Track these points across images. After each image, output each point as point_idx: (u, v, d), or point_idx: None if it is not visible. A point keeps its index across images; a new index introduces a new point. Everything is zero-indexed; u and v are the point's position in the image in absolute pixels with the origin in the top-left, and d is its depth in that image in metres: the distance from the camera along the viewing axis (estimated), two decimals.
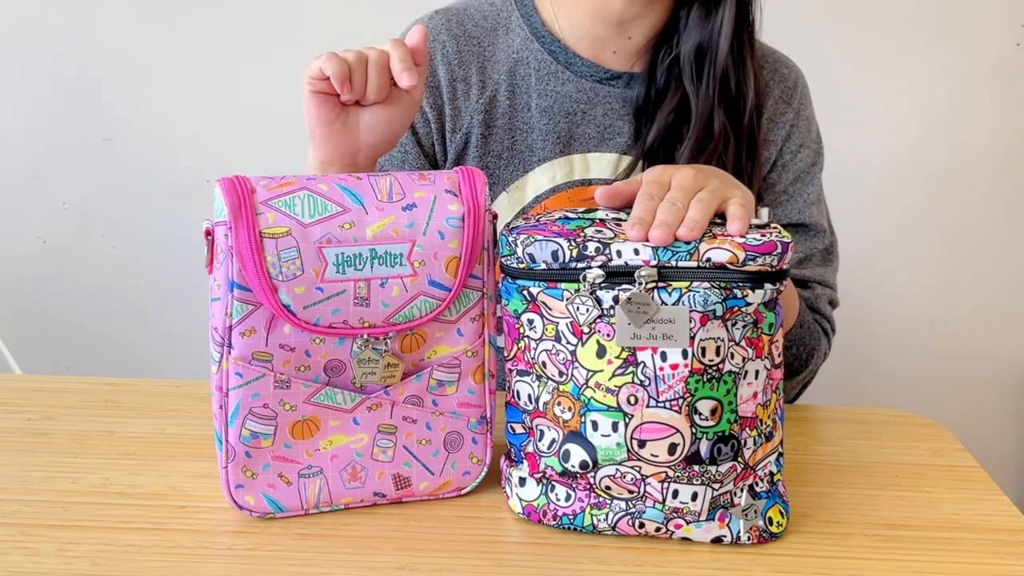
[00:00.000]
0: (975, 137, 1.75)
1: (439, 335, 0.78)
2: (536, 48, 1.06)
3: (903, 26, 1.70)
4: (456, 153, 1.06)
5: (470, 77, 1.05)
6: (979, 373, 1.86)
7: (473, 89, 1.05)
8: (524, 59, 1.06)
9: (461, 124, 1.05)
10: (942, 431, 0.98)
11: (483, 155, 1.05)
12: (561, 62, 1.05)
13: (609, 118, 1.06)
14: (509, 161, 1.05)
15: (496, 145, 1.05)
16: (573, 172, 1.05)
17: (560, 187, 1.05)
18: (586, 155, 1.05)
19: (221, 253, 0.72)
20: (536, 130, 1.04)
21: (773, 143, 1.09)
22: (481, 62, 1.06)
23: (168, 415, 0.96)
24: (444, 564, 0.72)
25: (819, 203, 1.13)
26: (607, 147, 1.06)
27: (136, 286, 1.82)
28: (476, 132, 1.05)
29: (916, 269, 1.81)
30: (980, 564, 0.74)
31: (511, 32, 1.07)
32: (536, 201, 1.05)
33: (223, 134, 1.73)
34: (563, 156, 1.05)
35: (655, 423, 0.71)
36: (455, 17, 1.08)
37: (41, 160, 1.75)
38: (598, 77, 1.06)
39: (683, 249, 0.70)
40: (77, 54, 1.71)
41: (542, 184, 1.05)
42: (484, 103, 1.05)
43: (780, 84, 1.10)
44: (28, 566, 0.70)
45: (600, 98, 1.06)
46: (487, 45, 1.06)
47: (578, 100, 1.05)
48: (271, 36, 1.70)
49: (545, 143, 1.05)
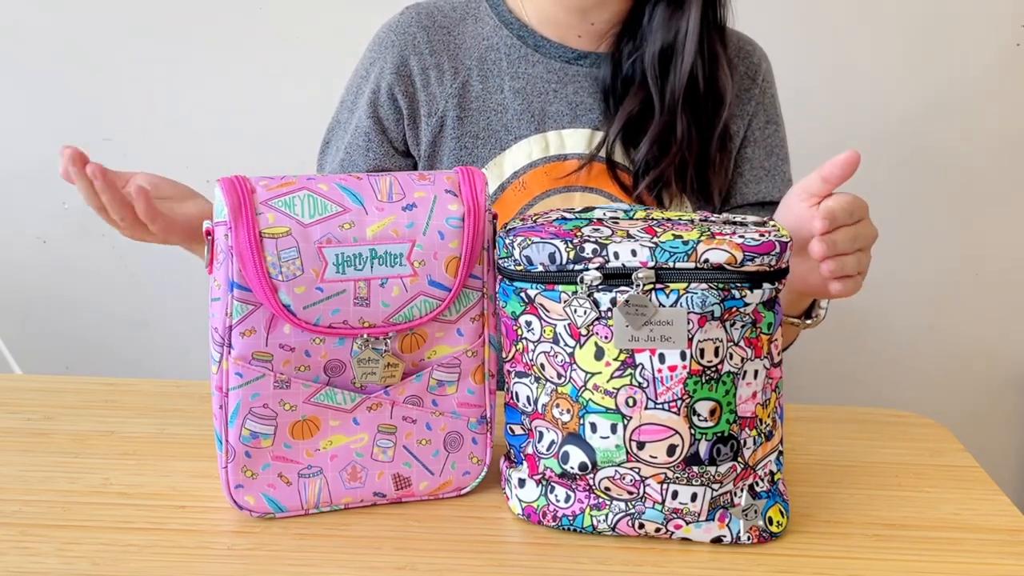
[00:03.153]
0: (975, 137, 1.75)
1: (439, 335, 0.78)
2: (505, 34, 1.11)
3: (903, 26, 1.70)
4: (432, 135, 1.11)
5: (442, 64, 1.11)
6: (979, 373, 1.86)
7: (446, 75, 1.10)
8: (494, 45, 1.11)
9: (436, 108, 1.10)
10: (942, 431, 0.98)
11: (460, 136, 1.10)
12: (530, 45, 1.11)
13: (580, 95, 1.11)
14: (486, 140, 1.10)
15: (472, 126, 1.10)
16: (548, 148, 1.10)
17: (537, 162, 1.10)
18: (560, 131, 1.10)
19: (221, 253, 0.72)
20: (510, 110, 1.10)
21: (740, 117, 1.14)
22: (452, 50, 1.11)
23: (168, 415, 0.96)
24: (444, 564, 0.72)
25: (791, 183, 1.17)
26: (580, 123, 1.11)
27: (136, 286, 1.82)
28: (451, 115, 1.10)
29: (916, 269, 1.81)
30: (980, 564, 0.74)
31: (480, 21, 1.13)
32: (514, 176, 1.09)
33: (223, 134, 1.73)
34: (538, 133, 1.10)
35: (654, 425, 0.71)
36: (425, 10, 1.14)
37: (41, 160, 1.75)
38: (566, 58, 1.11)
39: (681, 250, 0.70)
40: (77, 54, 1.71)
41: (519, 160, 1.10)
42: (457, 87, 1.10)
43: (744, 61, 1.15)
44: (28, 566, 0.70)
45: (569, 77, 1.11)
46: (457, 34, 1.12)
47: (548, 80, 1.11)
48: (271, 36, 1.70)
49: (520, 122, 1.10)
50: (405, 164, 1.13)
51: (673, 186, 1.08)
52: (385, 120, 1.11)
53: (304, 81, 1.68)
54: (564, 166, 1.09)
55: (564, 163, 1.10)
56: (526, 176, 1.09)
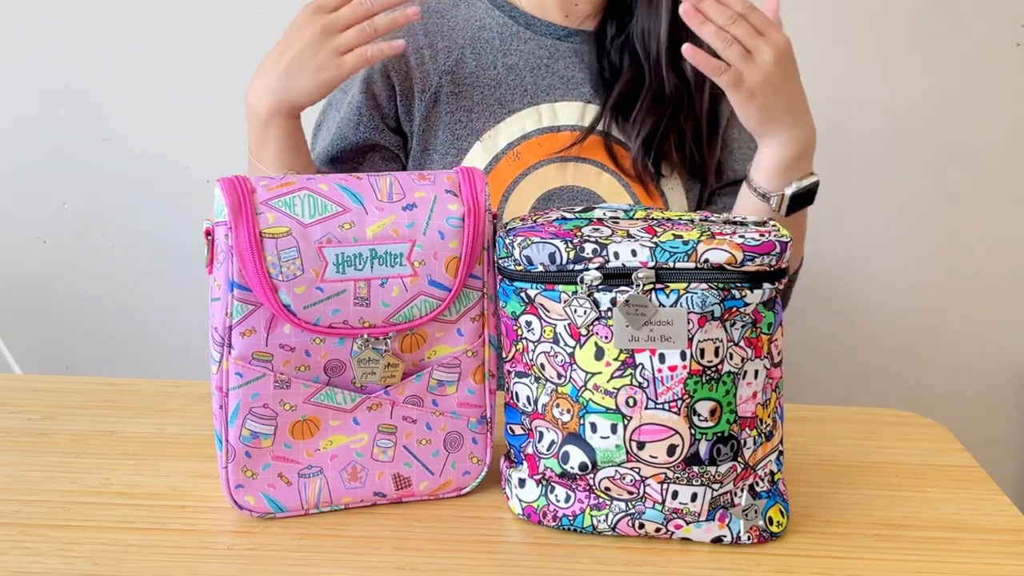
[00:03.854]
0: (975, 137, 1.75)
1: (439, 335, 0.78)
2: (497, 15, 1.17)
3: (903, 25, 1.70)
4: (427, 110, 1.14)
5: (436, 44, 1.15)
6: (979, 373, 1.86)
7: (440, 54, 1.15)
8: (487, 25, 1.16)
9: (430, 84, 1.14)
10: (942, 431, 0.98)
11: (455, 110, 1.13)
12: (521, 24, 1.16)
13: (570, 71, 1.16)
14: (480, 114, 1.13)
15: (466, 100, 1.14)
16: (542, 120, 1.14)
17: (531, 134, 1.13)
18: (553, 104, 1.15)
19: (221, 253, 0.72)
20: (504, 85, 1.14)
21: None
22: (446, 32, 1.16)
23: (168, 415, 0.96)
24: (444, 564, 0.72)
25: None
26: (572, 96, 1.15)
27: (136, 286, 1.82)
28: (446, 90, 1.14)
29: (916, 269, 1.81)
30: (980, 564, 0.74)
31: (472, 5, 1.18)
32: (509, 148, 1.13)
33: (223, 134, 1.73)
34: (531, 106, 1.14)
35: (654, 425, 0.71)
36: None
37: (41, 160, 1.75)
38: (556, 35, 1.16)
39: (681, 250, 0.70)
40: (77, 54, 1.71)
41: (513, 132, 1.13)
42: (451, 64, 1.14)
43: None
44: (28, 566, 0.70)
45: (560, 53, 1.16)
46: (450, 18, 1.17)
47: (540, 56, 1.16)
48: (271, 36, 1.70)
49: (513, 95, 1.14)
50: (395, 140, 1.15)
51: (673, 154, 1.12)
52: (379, 96, 1.14)
53: None
54: (558, 137, 1.14)
55: (558, 135, 1.14)
56: (520, 147, 1.13)
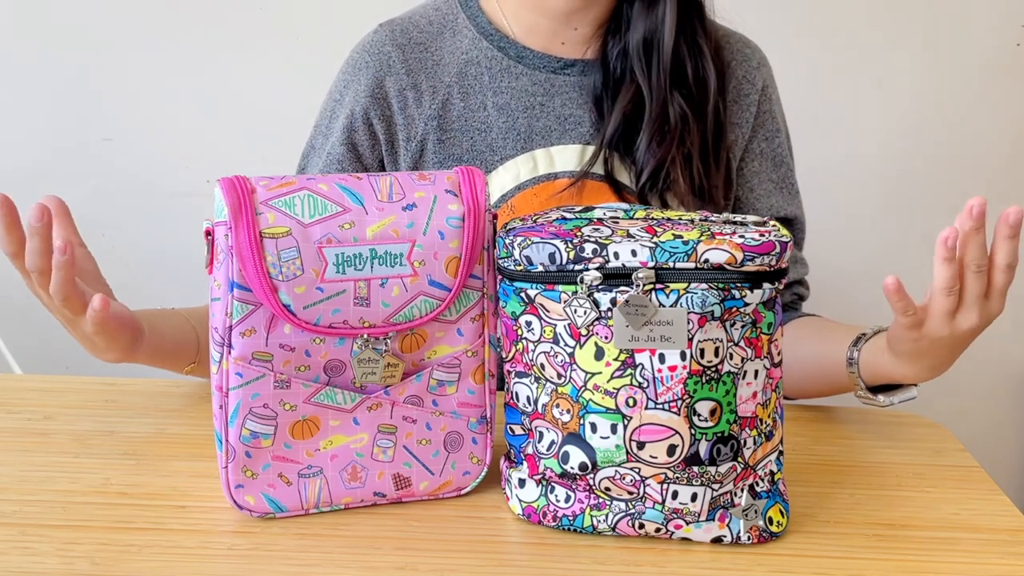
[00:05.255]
0: (975, 137, 1.75)
1: (439, 335, 0.78)
2: (485, 46, 1.06)
3: (903, 25, 1.70)
4: (413, 160, 1.06)
5: (420, 84, 1.05)
6: (979, 373, 1.86)
7: (424, 96, 1.05)
8: (474, 59, 1.06)
9: (415, 132, 1.05)
10: (942, 431, 0.98)
11: (443, 160, 1.04)
12: (512, 57, 1.05)
13: (568, 108, 1.05)
14: (470, 163, 1.04)
15: (455, 148, 1.05)
16: (537, 167, 1.04)
17: (525, 184, 1.04)
18: (549, 149, 1.04)
19: (221, 253, 0.72)
20: (495, 128, 1.04)
21: (739, 125, 1.09)
22: (430, 68, 1.06)
23: (168, 415, 0.96)
24: (444, 564, 0.72)
25: (798, 194, 1.14)
26: (569, 138, 1.05)
27: (136, 286, 1.81)
28: (432, 137, 1.05)
29: (916, 269, 1.81)
30: (980, 564, 0.74)
31: (458, 34, 1.07)
32: (503, 200, 1.04)
33: (223, 134, 1.73)
34: (525, 152, 1.04)
35: (654, 425, 0.71)
36: (399, 27, 1.08)
37: (41, 160, 1.75)
38: (552, 67, 1.06)
39: (681, 250, 0.70)
40: (77, 54, 1.71)
41: (507, 183, 1.04)
42: (436, 108, 1.05)
43: (743, 64, 1.10)
44: (28, 566, 0.70)
45: (557, 88, 1.06)
46: (434, 50, 1.07)
47: (534, 93, 1.05)
48: (271, 36, 1.70)
49: (506, 141, 1.04)
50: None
51: (682, 184, 1.02)
52: (360, 146, 1.06)
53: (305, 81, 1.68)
54: (555, 186, 1.04)
55: (555, 183, 1.04)
56: (515, 199, 1.04)
